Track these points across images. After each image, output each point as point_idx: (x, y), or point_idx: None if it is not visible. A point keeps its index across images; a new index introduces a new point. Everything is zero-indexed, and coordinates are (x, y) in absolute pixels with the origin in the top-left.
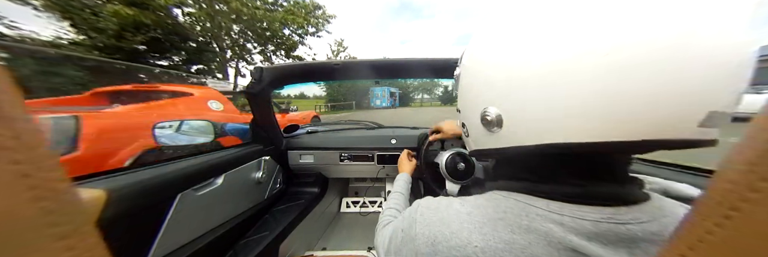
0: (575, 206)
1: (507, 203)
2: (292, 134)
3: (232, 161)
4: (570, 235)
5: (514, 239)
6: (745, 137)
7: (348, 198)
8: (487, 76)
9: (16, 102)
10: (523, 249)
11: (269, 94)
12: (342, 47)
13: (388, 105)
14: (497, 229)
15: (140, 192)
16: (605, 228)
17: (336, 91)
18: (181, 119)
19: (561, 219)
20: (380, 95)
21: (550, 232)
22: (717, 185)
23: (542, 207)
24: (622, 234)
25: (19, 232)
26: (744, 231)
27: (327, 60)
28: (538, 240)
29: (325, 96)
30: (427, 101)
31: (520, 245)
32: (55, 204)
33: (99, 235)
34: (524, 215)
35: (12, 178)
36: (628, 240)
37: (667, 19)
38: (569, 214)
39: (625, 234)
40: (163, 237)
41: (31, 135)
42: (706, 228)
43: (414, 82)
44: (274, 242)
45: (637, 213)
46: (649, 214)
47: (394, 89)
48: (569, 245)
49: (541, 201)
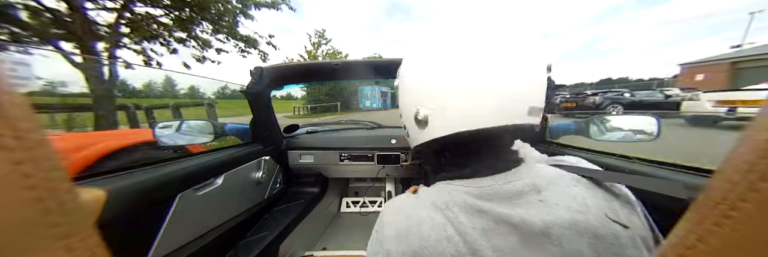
0: (476, 180)
1: (439, 186)
2: (292, 134)
3: (232, 161)
4: (477, 200)
5: (447, 214)
6: (744, 137)
7: (348, 198)
8: (418, 86)
9: (17, 103)
10: (454, 219)
11: (269, 94)
12: (324, 39)
13: (379, 106)
14: (437, 207)
15: (140, 192)
16: (495, 190)
17: (318, 90)
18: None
19: (469, 190)
20: (370, 95)
21: (465, 200)
22: (717, 185)
23: (459, 185)
24: (509, 190)
25: (20, 232)
26: (744, 230)
27: (327, 60)
28: (460, 209)
29: (306, 96)
30: None
31: (451, 216)
32: (55, 204)
33: (99, 235)
34: (447, 192)
35: (12, 178)
36: (515, 194)
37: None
38: (473, 185)
39: (512, 190)
40: (163, 237)
41: (32, 135)
42: (706, 228)
43: None
44: (274, 242)
45: (512, 176)
46: (521, 175)
47: (386, 88)
48: (477, 207)
49: (459, 180)
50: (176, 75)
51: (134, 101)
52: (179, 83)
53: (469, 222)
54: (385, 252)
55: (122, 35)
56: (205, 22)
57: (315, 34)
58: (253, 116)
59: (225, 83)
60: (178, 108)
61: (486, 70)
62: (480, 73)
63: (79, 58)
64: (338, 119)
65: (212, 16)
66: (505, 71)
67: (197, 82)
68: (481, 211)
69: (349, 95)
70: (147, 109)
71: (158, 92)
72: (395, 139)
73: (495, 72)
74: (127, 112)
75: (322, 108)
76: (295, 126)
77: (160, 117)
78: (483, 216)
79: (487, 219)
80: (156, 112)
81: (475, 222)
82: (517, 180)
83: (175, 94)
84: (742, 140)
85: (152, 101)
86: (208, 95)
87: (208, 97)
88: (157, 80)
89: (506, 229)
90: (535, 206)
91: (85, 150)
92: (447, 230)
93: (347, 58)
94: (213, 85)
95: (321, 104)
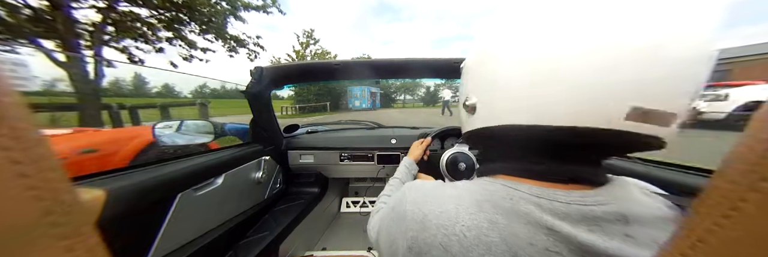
0: (550, 190)
1: (493, 187)
2: (292, 134)
3: (232, 161)
4: (546, 215)
5: (496, 219)
6: (744, 137)
7: (348, 198)
8: (492, 71)
9: (16, 103)
10: (505, 228)
11: (269, 94)
12: (312, 39)
13: (368, 106)
14: (483, 209)
15: (140, 192)
16: (574, 209)
17: (306, 90)
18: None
19: (539, 202)
20: (359, 95)
21: (530, 213)
22: (717, 185)
23: (524, 191)
24: (587, 214)
25: (19, 232)
26: (744, 230)
27: (327, 60)
28: (519, 219)
29: (294, 96)
30: (409, 102)
31: (502, 224)
32: (55, 204)
33: (99, 235)
34: (508, 198)
35: (12, 178)
36: (591, 219)
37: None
38: (546, 197)
39: (589, 214)
40: (163, 237)
41: (31, 135)
42: (706, 228)
43: (396, 82)
44: (274, 242)
45: (599, 197)
46: (609, 197)
47: (375, 88)
48: (545, 224)
49: (524, 185)
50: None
51: (118, 101)
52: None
53: (529, 236)
54: (411, 239)
55: (106, 34)
56: (194, 22)
57: (303, 34)
58: (253, 116)
59: (223, 83)
60: (166, 108)
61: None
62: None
63: (62, 56)
64: (326, 119)
65: (201, 17)
66: None
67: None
68: (552, 230)
69: (339, 95)
70: (131, 109)
71: (142, 91)
72: (395, 139)
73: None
74: (110, 112)
75: (311, 108)
76: (295, 126)
77: (149, 118)
78: (551, 234)
79: (554, 239)
80: (143, 112)
81: (537, 238)
82: (606, 204)
83: (160, 92)
84: (742, 139)
85: (138, 100)
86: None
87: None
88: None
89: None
90: (617, 239)
91: (130, 142)
92: (489, 234)
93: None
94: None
95: (310, 104)
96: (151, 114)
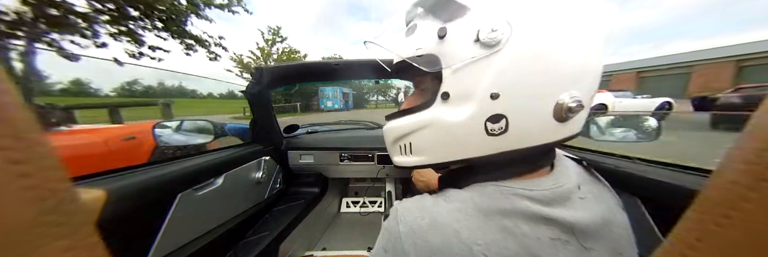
0: (528, 181)
1: (487, 189)
2: (292, 134)
3: (232, 161)
4: (538, 206)
5: (505, 224)
6: (744, 137)
7: (348, 198)
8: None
9: (16, 103)
10: (514, 230)
11: (269, 94)
12: (279, 37)
13: (341, 107)
14: (489, 217)
15: (140, 192)
16: (556, 193)
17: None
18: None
19: (531, 194)
20: (332, 96)
21: (526, 209)
22: (716, 184)
23: (513, 186)
24: (563, 194)
25: (19, 232)
26: (743, 230)
27: (327, 60)
28: (521, 218)
29: None
30: (381, 103)
31: (510, 228)
32: (55, 204)
33: (99, 235)
34: (504, 197)
35: (12, 178)
36: (565, 198)
37: None
38: (534, 188)
39: (565, 194)
40: (163, 237)
41: (31, 135)
42: (705, 228)
43: (368, 83)
44: (274, 242)
45: (561, 175)
46: (565, 172)
47: (347, 89)
48: (541, 214)
49: (509, 181)
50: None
51: (51, 100)
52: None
53: (534, 232)
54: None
55: (32, 26)
56: (148, 19)
57: (268, 30)
58: (253, 116)
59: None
60: (117, 108)
61: None
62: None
63: None
64: (297, 121)
65: (159, 15)
66: None
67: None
68: (548, 219)
69: (310, 95)
70: (65, 109)
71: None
72: None
73: None
74: (41, 112)
75: (281, 109)
76: (295, 126)
77: (91, 120)
78: (550, 224)
79: (553, 228)
80: (85, 113)
81: (541, 231)
82: (567, 180)
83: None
84: (742, 139)
85: (82, 99)
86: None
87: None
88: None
89: (572, 237)
90: (577, 204)
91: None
92: (508, 247)
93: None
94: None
95: (278, 104)
96: (93, 116)
